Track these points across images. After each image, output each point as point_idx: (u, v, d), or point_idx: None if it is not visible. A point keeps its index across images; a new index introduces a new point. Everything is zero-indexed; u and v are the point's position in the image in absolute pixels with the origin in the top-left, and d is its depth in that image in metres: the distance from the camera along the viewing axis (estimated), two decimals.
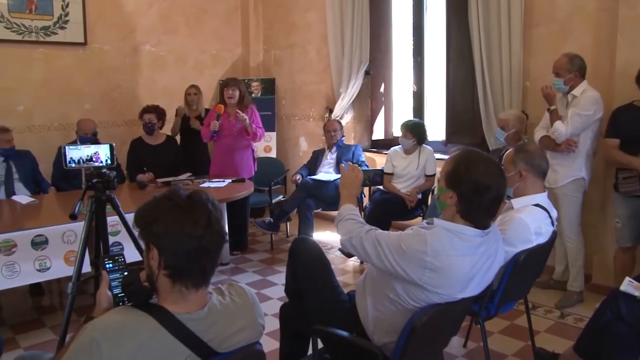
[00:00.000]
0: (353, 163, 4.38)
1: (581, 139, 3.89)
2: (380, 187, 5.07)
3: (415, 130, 5.02)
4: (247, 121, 5.06)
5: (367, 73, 6.11)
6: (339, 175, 5.22)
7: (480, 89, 4.83)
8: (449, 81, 5.27)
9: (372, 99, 6.35)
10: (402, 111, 6.26)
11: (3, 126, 4.83)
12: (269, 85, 7.00)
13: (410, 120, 5.19)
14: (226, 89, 5.18)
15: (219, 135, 5.20)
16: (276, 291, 4.36)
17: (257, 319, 1.71)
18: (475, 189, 2.03)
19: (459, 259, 2.03)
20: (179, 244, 1.50)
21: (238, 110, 5.08)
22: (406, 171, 5.04)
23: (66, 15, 5.89)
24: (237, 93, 5.16)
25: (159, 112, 5.38)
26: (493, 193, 2.04)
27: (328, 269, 2.61)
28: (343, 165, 2.54)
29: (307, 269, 2.59)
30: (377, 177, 2.79)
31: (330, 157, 5.56)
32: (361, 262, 5.04)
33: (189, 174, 5.18)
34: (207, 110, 5.74)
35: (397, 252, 2.05)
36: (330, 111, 6.28)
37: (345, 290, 2.61)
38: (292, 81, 6.92)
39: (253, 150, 5.44)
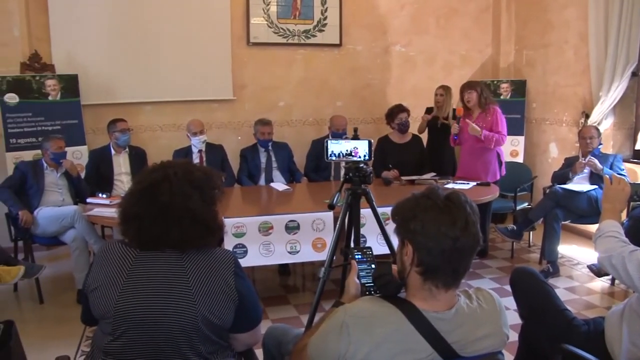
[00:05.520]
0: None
1: None
2: None
3: None
4: (477, 129, 4.94)
5: (633, 74, 5.49)
6: (592, 187, 4.81)
7: None
8: None
9: (638, 103, 5.71)
10: None
11: (266, 119, 5.41)
12: (519, 87, 6.70)
13: None
14: (463, 93, 5.11)
15: (461, 138, 5.15)
16: (514, 302, 4.15)
17: (503, 328, 1.65)
18: None
19: None
20: (434, 243, 1.50)
21: (468, 121, 4.98)
22: None
23: (325, 19, 6.36)
24: (473, 96, 5.05)
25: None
26: None
27: (551, 294, 2.52)
28: (607, 175, 2.32)
29: (530, 298, 2.55)
30: None
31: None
32: (612, 283, 4.58)
33: (433, 173, 5.19)
34: (454, 111, 5.69)
35: None
36: (587, 116, 5.78)
37: (591, 313, 2.41)
38: (544, 83, 6.52)
39: (499, 154, 5.23)
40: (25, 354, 2.37)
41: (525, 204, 5.65)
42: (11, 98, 5.20)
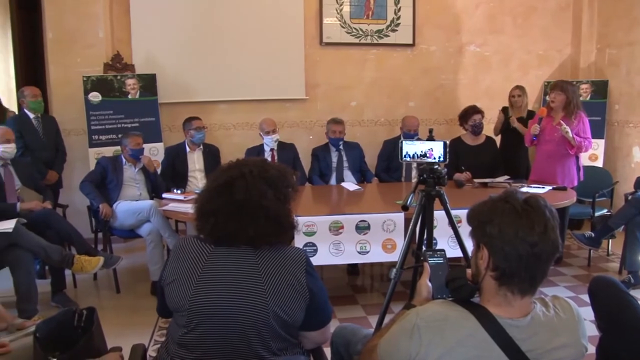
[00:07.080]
0: None
1: None
2: None
3: None
4: (570, 134, 4.69)
5: None
6: None
7: None
8: None
9: None
10: None
11: (338, 118, 5.44)
12: (600, 88, 6.41)
13: None
14: (550, 92, 4.91)
15: (540, 140, 4.95)
16: (591, 313, 3.99)
17: (581, 339, 1.57)
18: None
19: None
20: (511, 248, 1.46)
21: (562, 121, 4.75)
22: None
23: (398, 19, 6.32)
24: (560, 98, 4.80)
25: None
26: None
27: (634, 306, 2.34)
28: None
29: (610, 310, 2.39)
30: None
31: None
32: None
33: (507, 176, 5.05)
34: (530, 113, 5.51)
35: None
36: None
37: None
38: (629, 84, 6.21)
39: (577, 158, 5.02)
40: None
41: (605, 211, 5.39)
42: (94, 97, 5.47)
